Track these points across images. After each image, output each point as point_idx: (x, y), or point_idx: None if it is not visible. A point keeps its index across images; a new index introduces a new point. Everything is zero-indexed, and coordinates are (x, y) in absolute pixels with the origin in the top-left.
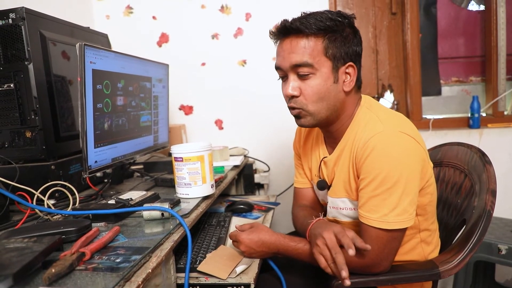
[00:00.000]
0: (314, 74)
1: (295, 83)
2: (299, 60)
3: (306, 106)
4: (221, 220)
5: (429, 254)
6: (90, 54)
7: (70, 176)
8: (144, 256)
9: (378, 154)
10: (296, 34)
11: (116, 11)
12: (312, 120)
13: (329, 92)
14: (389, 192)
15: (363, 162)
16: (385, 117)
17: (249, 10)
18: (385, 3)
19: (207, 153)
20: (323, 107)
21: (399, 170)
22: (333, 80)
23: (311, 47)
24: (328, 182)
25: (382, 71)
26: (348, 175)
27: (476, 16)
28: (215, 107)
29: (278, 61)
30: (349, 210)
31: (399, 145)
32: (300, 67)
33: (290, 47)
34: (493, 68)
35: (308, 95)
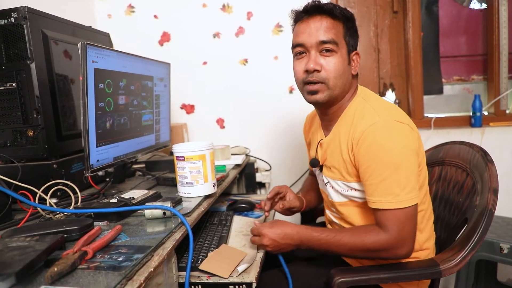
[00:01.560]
0: (336, 52)
1: (318, 59)
2: (329, 37)
3: (328, 81)
4: (222, 219)
5: (424, 243)
6: (92, 53)
7: (72, 175)
8: (146, 255)
9: (378, 142)
10: (326, 15)
11: (118, 10)
12: (328, 95)
13: (344, 71)
14: (396, 174)
15: (365, 151)
16: (380, 108)
17: (251, 9)
18: (387, 2)
19: (209, 152)
20: (339, 84)
21: (401, 153)
22: (348, 62)
23: (336, 28)
24: (320, 161)
25: (383, 70)
26: (343, 161)
27: (478, 15)
28: (217, 106)
29: (302, 38)
30: (347, 191)
31: (397, 131)
32: (327, 44)
33: (320, 24)
34: (495, 66)
35: (330, 70)
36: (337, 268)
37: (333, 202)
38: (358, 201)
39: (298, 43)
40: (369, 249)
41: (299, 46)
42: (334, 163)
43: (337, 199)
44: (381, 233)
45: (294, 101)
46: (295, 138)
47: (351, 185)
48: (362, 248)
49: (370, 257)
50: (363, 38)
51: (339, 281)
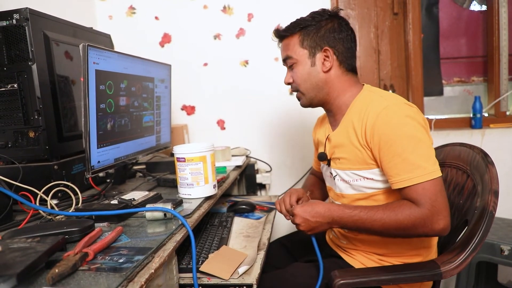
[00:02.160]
0: (296, 63)
1: (288, 73)
2: (284, 55)
3: (299, 87)
4: (223, 221)
5: (426, 240)
6: (94, 54)
7: (72, 176)
8: (147, 256)
9: (395, 120)
10: (282, 38)
11: (119, 11)
12: (305, 99)
13: (309, 74)
14: (419, 147)
15: (382, 132)
16: (389, 96)
17: (251, 10)
18: (387, 4)
19: (210, 153)
20: (309, 87)
21: (417, 128)
22: (310, 65)
23: (290, 44)
24: (328, 155)
25: (384, 71)
26: (355, 149)
27: (478, 16)
28: (217, 107)
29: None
30: (356, 181)
31: (409, 110)
32: (286, 60)
33: (282, 47)
34: (495, 68)
35: (296, 80)
36: (338, 270)
37: (343, 195)
38: (368, 191)
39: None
40: (404, 224)
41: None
42: (343, 154)
43: (347, 191)
44: (414, 207)
45: (294, 103)
46: (295, 139)
47: (361, 173)
48: (396, 224)
49: (406, 234)
50: (363, 40)
51: (340, 283)
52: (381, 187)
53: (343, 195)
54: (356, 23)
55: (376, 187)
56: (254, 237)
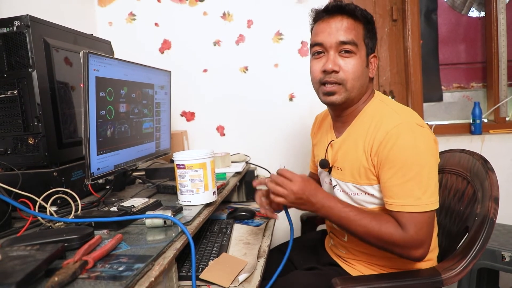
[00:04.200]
0: (355, 54)
1: (337, 60)
2: (349, 38)
3: (346, 82)
4: (223, 227)
5: (430, 253)
6: (94, 61)
7: (72, 182)
8: (147, 264)
9: (403, 143)
10: (347, 15)
11: (119, 18)
12: (345, 97)
13: (362, 73)
14: (419, 176)
15: (388, 152)
16: (401, 111)
17: (251, 17)
18: (386, 10)
19: (209, 160)
20: (356, 86)
21: (425, 156)
22: (366, 64)
23: (357, 29)
24: (330, 163)
25: (383, 77)
26: (359, 163)
27: (477, 23)
28: (217, 114)
29: (322, 37)
30: (357, 195)
31: (421, 134)
32: (347, 45)
33: (341, 25)
34: (494, 74)
35: (349, 71)
36: (339, 277)
37: None
38: (368, 206)
39: (317, 42)
40: (384, 239)
41: (317, 45)
42: (346, 164)
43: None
44: (399, 228)
45: (294, 109)
46: (295, 145)
47: (363, 188)
48: (377, 236)
49: (383, 247)
50: None
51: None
52: (381, 203)
53: None
54: None
55: (376, 202)
56: (254, 244)
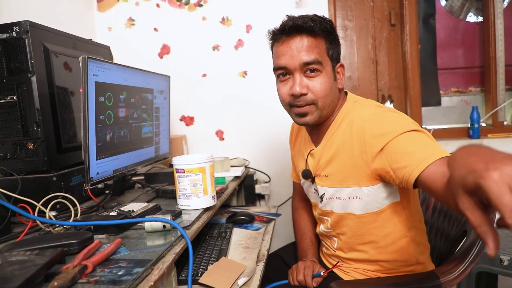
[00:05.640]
0: (321, 72)
1: (303, 81)
2: (312, 58)
3: (317, 102)
4: (222, 232)
5: (420, 255)
6: (93, 66)
7: (71, 187)
8: (146, 268)
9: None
10: (307, 33)
11: (118, 23)
12: (317, 115)
13: (331, 89)
14: (425, 140)
15: (387, 146)
16: (376, 103)
17: (250, 22)
18: (384, 15)
19: (209, 164)
20: (328, 103)
21: (414, 122)
22: (333, 78)
23: (319, 46)
24: (313, 172)
25: (382, 82)
26: (351, 163)
27: (475, 27)
28: (216, 118)
29: (284, 60)
30: (346, 199)
31: (401, 114)
32: (311, 65)
33: (302, 45)
34: (492, 78)
35: (317, 91)
36: (336, 282)
37: (331, 212)
38: (356, 212)
39: (280, 66)
40: None
41: (281, 68)
42: (330, 170)
43: (337, 209)
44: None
45: None
46: None
47: (351, 190)
48: None
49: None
50: (361, 51)
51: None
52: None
53: (333, 212)
54: (354, 34)
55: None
56: (254, 248)
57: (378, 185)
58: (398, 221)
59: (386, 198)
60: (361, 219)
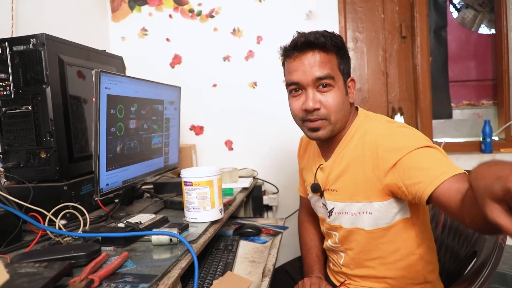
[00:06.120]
0: (334, 86)
1: (316, 96)
2: (325, 73)
3: (330, 117)
4: (228, 244)
5: (429, 274)
6: (106, 80)
7: (81, 196)
8: (151, 284)
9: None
10: (319, 49)
11: (132, 33)
12: (330, 130)
13: (343, 104)
14: (439, 157)
15: (400, 161)
16: (389, 120)
17: (261, 33)
18: (395, 27)
19: (216, 177)
20: (340, 117)
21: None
22: (345, 92)
23: (331, 61)
24: (322, 186)
25: (392, 94)
26: (362, 178)
27: (487, 40)
28: (226, 128)
29: (297, 76)
30: (356, 214)
31: (416, 132)
32: (324, 80)
33: (314, 60)
34: (505, 91)
35: (330, 106)
36: None
37: (340, 227)
38: (365, 228)
39: (293, 82)
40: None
41: (294, 84)
42: (340, 185)
43: (346, 224)
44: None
45: None
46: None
47: (361, 205)
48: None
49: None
50: (371, 63)
51: None
52: (388, 221)
53: (341, 227)
54: (364, 46)
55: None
56: (260, 263)
57: (389, 201)
58: (407, 237)
59: (397, 214)
60: (371, 235)
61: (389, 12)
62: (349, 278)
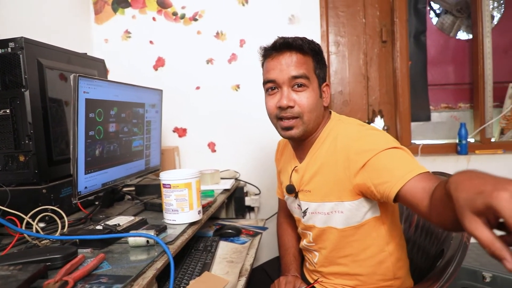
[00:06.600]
0: (308, 87)
1: (291, 95)
2: (300, 72)
3: (302, 115)
4: (208, 245)
5: (398, 270)
6: (84, 84)
7: (61, 199)
8: (126, 285)
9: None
10: (296, 50)
11: (115, 35)
12: (302, 129)
13: (317, 105)
14: (405, 157)
15: (369, 162)
16: (360, 123)
17: (244, 36)
18: (376, 32)
19: (195, 180)
20: (313, 118)
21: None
22: (319, 95)
23: (307, 63)
24: (296, 187)
25: (372, 97)
26: (334, 179)
27: (465, 45)
28: (209, 130)
29: (274, 74)
30: (328, 214)
31: (385, 134)
32: (299, 79)
33: (291, 61)
34: (480, 95)
35: (304, 105)
36: None
37: (313, 226)
38: (337, 226)
39: (270, 79)
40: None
41: (270, 82)
42: (313, 186)
43: (319, 224)
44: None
45: None
46: None
47: (333, 205)
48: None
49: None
50: (353, 66)
51: None
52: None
53: (315, 226)
54: (346, 50)
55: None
56: (237, 263)
57: (359, 200)
58: (377, 235)
59: (367, 213)
60: (342, 233)
61: (370, 17)
62: (323, 276)
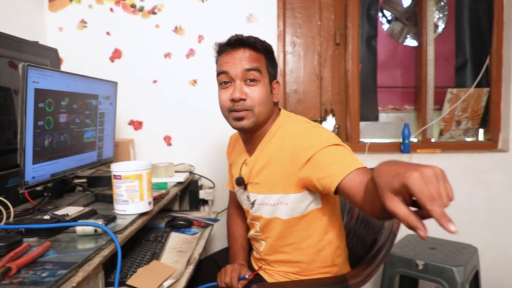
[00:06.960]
0: (260, 82)
1: (243, 88)
2: (253, 66)
3: (253, 108)
4: (158, 236)
5: (336, 258)
6: (34, 74)
7: (7, 189)
8: (70, 270)
9: (316, 137)
10: (249, 47)
11: (70, 24)
12: (253, 121)
13: (267, 99)
14: (345, 154)
15: (312, 158)
16: (306, 121)
17: (202, 32)
18: (330, 34)
19: (146, 171)
20: (263, 111)
21: (336, 137)
22: (270, 90)
23: (259, 59)
24: (245, 180)
25: (325, 96)
26: (281, 172)
27: (411, 51)
28: (165, 124)
29: (227, 67)
30: (274, 205)
31: (328, 132)
32: (252, 71)
33: (244, 56)
34: (422, 98)
35: (255, 98)
36: (257, 283)
37: (260, 217)
38: (282, 217)
39: (223, 71)
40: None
41: (224, 73)
42: (261, 178)
43: (266, 215)
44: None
45: None
46: None
47: (279, 197)
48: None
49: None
50: (307, 66)
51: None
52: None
53: (262, 217)
54: (301, 50)
55: (298, 211)
56: (186, 252)
57: (303, 193)
58: (318, 225)
59: (310, 204)
60: (287, 223)
61: (325, 20)
62: (268, 263)
